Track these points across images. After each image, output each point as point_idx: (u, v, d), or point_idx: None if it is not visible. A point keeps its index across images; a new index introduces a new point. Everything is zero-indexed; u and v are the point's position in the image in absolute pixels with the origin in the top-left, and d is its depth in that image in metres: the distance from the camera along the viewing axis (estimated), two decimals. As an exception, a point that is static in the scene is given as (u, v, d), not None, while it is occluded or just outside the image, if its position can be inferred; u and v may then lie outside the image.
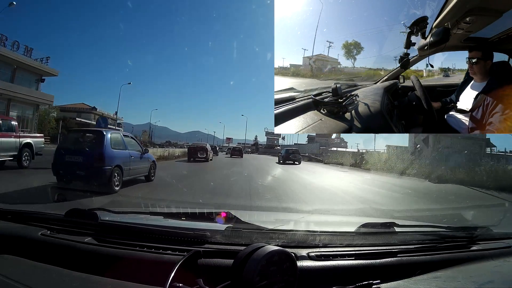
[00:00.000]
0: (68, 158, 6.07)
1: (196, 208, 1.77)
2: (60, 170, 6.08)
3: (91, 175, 5.89)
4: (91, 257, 1.02)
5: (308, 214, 3.85)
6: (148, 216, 1.61)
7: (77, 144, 6.49)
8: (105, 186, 5.89)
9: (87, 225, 1.18)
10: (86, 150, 6.20)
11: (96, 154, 5.98)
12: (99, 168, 5.87)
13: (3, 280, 0.86)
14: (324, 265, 0.99)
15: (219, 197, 5.97)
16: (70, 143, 6.70)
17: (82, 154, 6.08)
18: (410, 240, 1.24)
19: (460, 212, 4.59)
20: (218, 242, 1.07)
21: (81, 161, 5.97)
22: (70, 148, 6.32)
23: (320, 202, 6.38)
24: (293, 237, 1.15)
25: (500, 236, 1.42)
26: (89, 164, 5.90)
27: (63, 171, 6.06)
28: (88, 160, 5.95)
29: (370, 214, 5.06)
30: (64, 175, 6.10)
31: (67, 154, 6.12)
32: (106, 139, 6.18)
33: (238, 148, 31.03)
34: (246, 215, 1.96)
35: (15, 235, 1.16)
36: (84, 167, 5.90)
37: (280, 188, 7.92)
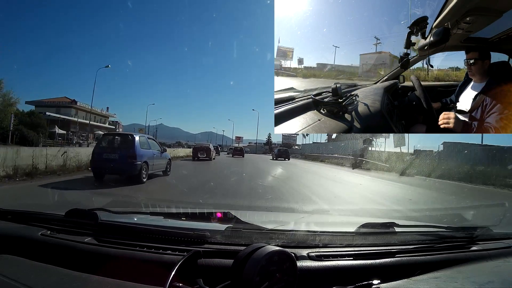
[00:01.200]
0: (105, 156, 7.69)
1: (196, 208, 1.77)
2: (98, 166, 7.76)
3: (126, 169, 7.57)
4: (91, 257, 1.02)
5: (308, 214, 3.86)
6: (148, 216, 1.61)
7: (112, 145, 8.31)
8: (137, 177, 7.58)
9: (87, 225, 1.18)
10: (121, 149, 7.84)
11: (130, 153, 7.63)
12: (132, 163, 7.54)
13: (3, 280, 0.86)
14: (324, 265, 0.99)
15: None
16: (106, 144, 8.46)
17: (117, 152, 7.75)
18: (410, 240, 1.24)
19: (460, 212, 4.58)
20: (218, 242, 1.07)
21: (117, 158, 7.61)
22: (107, 148, 8.06)
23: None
24: (293, 237, 1.15)
25: (500, 236, 1.42)
26: (124, 160, 7.52)
27: (101, 166, 7.71)
28: (123, 157, 7.56)
29: (370, 214, 5.06)
30: (102, 169, 7.78)
31: (104, 153, 7.77)
32: (136, 141, 7.99)
33: (239, 148, 32.91)
34: (246, 215, 1.96)
35: (15, 235, 1.16)
36: (120, 163, 7.51)
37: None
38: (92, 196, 5.48)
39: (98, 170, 7.87)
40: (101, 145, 8.48)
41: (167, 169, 9.71)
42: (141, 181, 7.61)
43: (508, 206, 2.63)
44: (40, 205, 3.31)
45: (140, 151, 7.90)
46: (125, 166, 7.52)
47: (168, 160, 9.86)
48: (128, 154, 7.61)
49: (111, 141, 8.61)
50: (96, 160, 7.82)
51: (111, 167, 7.55)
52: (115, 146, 8.18)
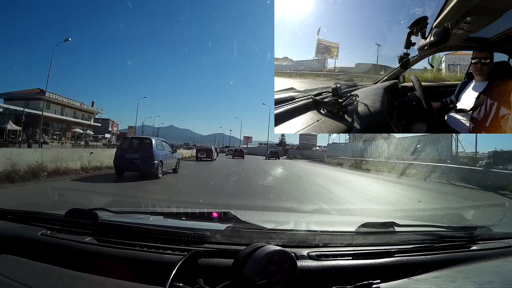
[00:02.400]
0: (127, 156, 9.16)
1: (196, 208, 1.77)
2: (121, 164, 9.18)
3: (146, 167, 8.98)
4: (91, 257, 1.02)
5: (308, 214, 3.86)
6: (148, 216, 1.61)
7: (133, 146, 9.75)
8: (154, 174, 9.01)
9: (87, 225, 1.18)
10: (141, 151, 9.26)
11: (149, 153, 9.13)
12: (151, 162, 9.02)
13: (3, 280, 0.86)
14: (324, 265, 0.99)
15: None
16: (127, 145, 9.93)
17: (138, 153, 9.18)
18: (410, 240, 1.24)
19: (460, 212, 4.58)
20: (218, 242, 1.07)
21: (138, 157, 9.04)
22: (128, 149, 9.53)
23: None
24: (293, 237, 1.15)
25: (500, 236, 1.42)
26: (144, 160, 8.98)
27: (123, 165, 9.15)
28: (143, 157, 9.01)
29: (370, 214, 5.06)
30: (124, 167, 9.22)
31: (126, 153, 9.25)
32: (153, 143, 9.52)
33: (240, 149, 34.20)
34: (246, 215, 1.96)
35: (15, 235, 1.16)
36: (140, 161, 8.96)
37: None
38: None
39: (121, 168, 9.26)
40: (123, 146, 10.09)
41: (177, 167, 11.21)
42: (158, 177, 9.08)
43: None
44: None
45: (157, 152, 9.40)
46: (145, 165, 8.97)
47: (177, 160, 11.42)
48: (148, 154, 9.10)
49: (131, 143, 10.12)
50: (119, 159, 9.24)
51: (132, 165, 9.03)
52: (136, 147, 9.62)
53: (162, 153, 9.80)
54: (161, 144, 10.30)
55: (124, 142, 10.79)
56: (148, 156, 9.05)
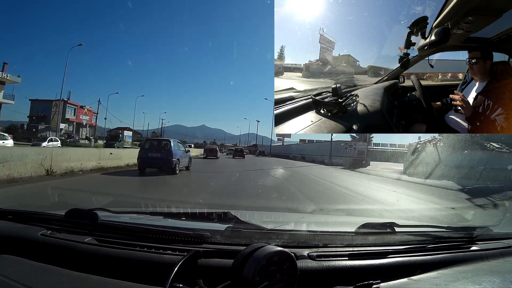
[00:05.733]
0: (150, 154, 10.85)
1: (196, 208, 1.77)
2: (144, 162, 10.79)
3: (165, 164, 10.58)
4: (91, 257, 1.02)
5: (308, 214, 3.86)
6: (148, 216, 1.61)
7: (154, 146, 11.44)
8: (172, 170, 10.55)
9: (87, 225, 1.17)
10: (161, 150, 10.96)
11: (168, 153, 10.78)
12: (170, 160, 10.64)
13: (3, 280, 0.86)
14: (324, 265, 0.99)
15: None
16: (149, 145, 11.63)
17: (159, 152, 10.85)
18: (410, 240, 1.24)
19: (460, 212, 4.58)
20: (218, 242, 1.07)
21: (159, 156, 10.66)
22: (150, 148, 11.25)
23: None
24: (293, 237, 1.15)
25: (500, 236, 1.41)
26: (164, 158, 10.61)
27: (146, 162, 10.78)
28: (164, 156, 10.67)
29: (370, 214, 5.06)
30: (147, 165, 10.82)
31: (149, 152, 10.95)
32: (172, 144, 11.23)
33: (240, 149, 35.15)
34: (246, 215, 1.96)
35: (15, 235, 1.16)
36: (161, 159, 10.59)
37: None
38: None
39: (144, 165, 10.83)
40: (146, 146, 11.71)
41: (189, 165, 12.86)
42: (175, 173, 10.67)
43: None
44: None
45: (175, 151, 11.05)
46: (165, 163, 10.60)
47: (190, 158, 13.05)
48: (168, 154, 10.75)
49: (152, 144, 11.80)
50: (142, 157, 10.87)
51: (154, 163, 10.74)
52: (157, 147, 11.22)
53: (179, 153, 11.43)
54: (178, 145, 12.05)
55: (146, 143, 12.41)
56: (168, 155, 10.71)
